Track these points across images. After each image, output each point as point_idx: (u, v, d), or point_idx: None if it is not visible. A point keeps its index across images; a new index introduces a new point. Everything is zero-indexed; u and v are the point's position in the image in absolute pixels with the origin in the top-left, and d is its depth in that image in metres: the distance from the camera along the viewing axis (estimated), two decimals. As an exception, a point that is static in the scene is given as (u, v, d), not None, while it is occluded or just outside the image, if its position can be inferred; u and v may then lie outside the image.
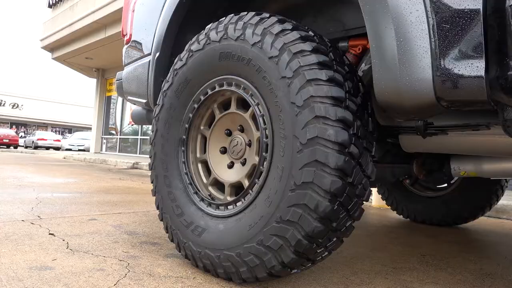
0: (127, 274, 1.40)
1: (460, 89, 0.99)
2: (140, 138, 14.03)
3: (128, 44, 2.30)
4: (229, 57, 1.40)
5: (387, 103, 1.11)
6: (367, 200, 1.26)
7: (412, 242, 2.30)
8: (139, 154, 13.84)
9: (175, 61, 1.65)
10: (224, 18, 1.49)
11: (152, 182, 1.71)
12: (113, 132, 15.66)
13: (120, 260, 1.55)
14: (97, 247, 1.73)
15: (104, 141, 16.01)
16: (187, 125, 1.60)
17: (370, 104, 1.27)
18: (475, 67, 0.97)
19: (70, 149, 23.45)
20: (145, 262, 1.56)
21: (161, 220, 1.64)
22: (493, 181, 2.70)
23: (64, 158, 12.38)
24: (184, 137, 1.61)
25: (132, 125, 14.37)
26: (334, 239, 1.23)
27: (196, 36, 1.57)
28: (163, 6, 1.91)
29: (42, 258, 1.52)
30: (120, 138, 15.13)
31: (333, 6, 1.70)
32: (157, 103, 1.70)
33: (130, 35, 2.28)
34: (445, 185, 2.98)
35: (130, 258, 1.59)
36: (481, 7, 0.96)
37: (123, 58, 2.40)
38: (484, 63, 0.96)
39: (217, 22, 1.50)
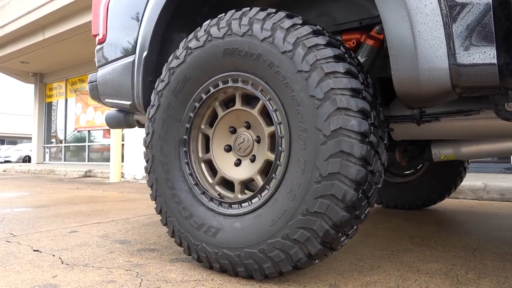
0: (141, 283, 1.33)
1: (474, 76, 1.06)
2: (88, 145, 13.32)
3: (102, 45, 2.18)
4: (234, 53, 1.38)
5: (406, 93, 1.16)
6: (381, 187, 1.31)
7: (395, 227, 2.42)
8: (88, 162, 13.14)
9: (170, 59, 1.59)
10: (224, 14, 1.47)
11: (150, 186, 1.64)
12: (54, 140, 14.70)
13: (127, 270, 1.48)
14: (94, 259, 1.63)
15: (47, 150, 14.99)
16: (188, 125, 1.55)
17: (378, 94, 1.32)
18: (488, 55, 1.04)
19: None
20: (154, 269, 1.50)
21: (165, 224, 1.59)
22: (457, 164, 2.92)
23: (5, 171, 11.43)
24: (185, 137, 1.56)
25: (78, 131, 13.59)
26: (355, 226, 1.26)
27: (193, 33, 1.53)
28: (147, 4, 1.83)
29: (41, 276, 1.40)
30: (65, 146, 14.25)
31: (322, 1, 1.74)
32: (152, 103, 1.64)
33: (104, 35, 2.16)
34: (412, 170, 3.17)
35: (136, 267, 1.52)
36: (490, 0, 1.04)
37: (95, 59, 2.27)
38: (495, 51, 1.04)
39: (217, 18, 1.47)
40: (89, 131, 13.13)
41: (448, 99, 1.16)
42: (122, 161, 7.46)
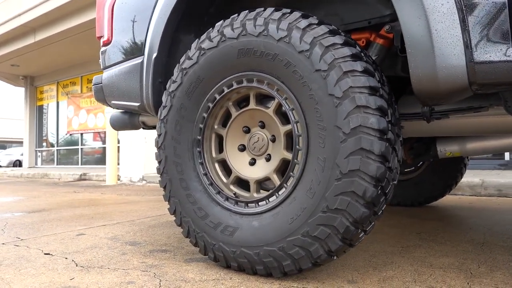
0: (161, 283, 1.34)
1: (491, 73, 1.09)
2: (81, 148, 13.21)
3: (108, 46, 2.17)
4: (249, 53, 1.39)
5: (423, 90, 1.18)
6: (396, 184, 1.34)
7: (400, 224, 2.45)
8: (81, 165, 13.02)
9: (182, 60, 1.60)
10: (237, 14, 1.48)
11: (164, 187, 1.64)
12: (45, 144, 14.53)
13: (143, 271, 1.48)
14: (108, 261, 1.63)
15: (39, 154, 14.82)
16: (201, 125, 1.56)
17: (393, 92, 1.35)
18: (504, 53, 1.07)
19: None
20: (170, 269, 1.50)
21: (179, 225, 1.59)
22: (458, 160, 2.97)
23: (-4, 175, 11.28)
24: (199, 137, 1.57)
25: (71, 135, 13.46)
26: (373, 222, 1.28)
27: (206, 33, 1.54)
28: (155, 4, 1.83)
29: (58, 279, 1.40)
30: (57, 150, 14.11)
31: (330, 1, 1.76)
32: (164, 104, 1.64)
33: (109, 37, 2.16)
34: (413, 168, 3.21)
35: (152, 268, 1.52)
36: (506, -1, 1.07)
37: (100, 61, 2.26)
38: (511, 48, 1.07)
39: (230, 19, 1.48)
40: (81, 134, 13.01)
41: (464, 96, 1.18)
42: (118, 163, 7.41)
